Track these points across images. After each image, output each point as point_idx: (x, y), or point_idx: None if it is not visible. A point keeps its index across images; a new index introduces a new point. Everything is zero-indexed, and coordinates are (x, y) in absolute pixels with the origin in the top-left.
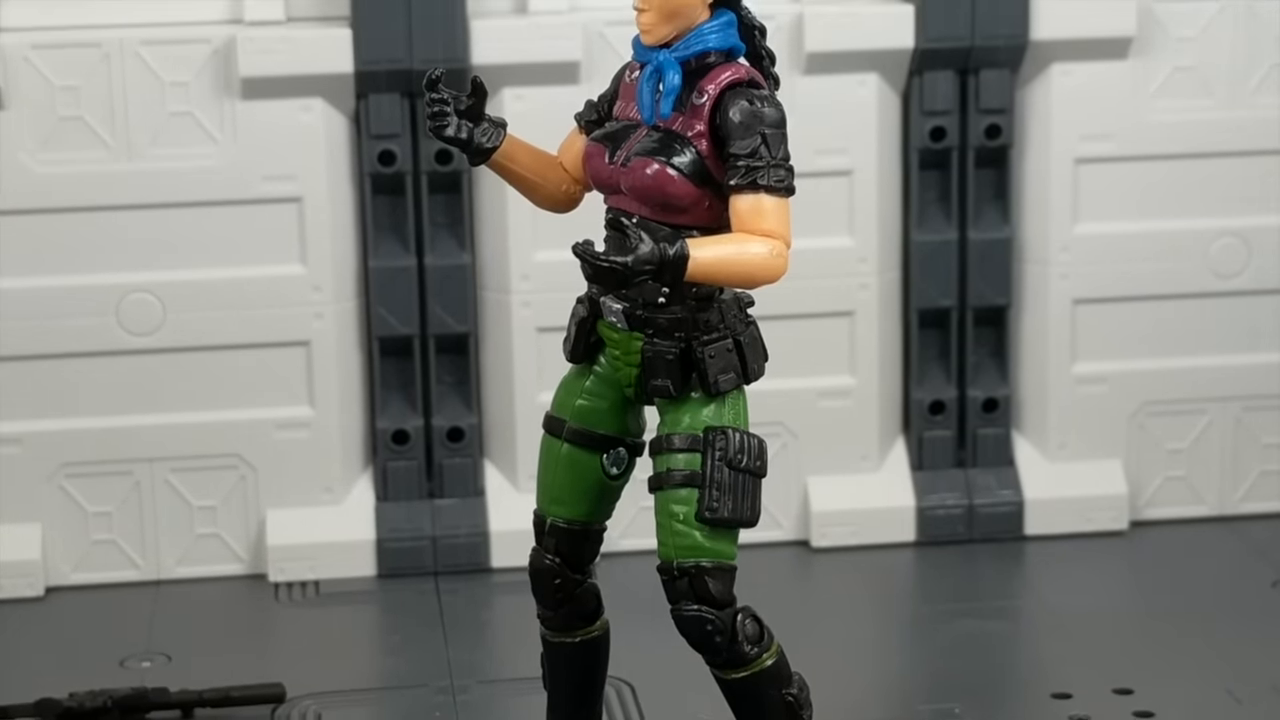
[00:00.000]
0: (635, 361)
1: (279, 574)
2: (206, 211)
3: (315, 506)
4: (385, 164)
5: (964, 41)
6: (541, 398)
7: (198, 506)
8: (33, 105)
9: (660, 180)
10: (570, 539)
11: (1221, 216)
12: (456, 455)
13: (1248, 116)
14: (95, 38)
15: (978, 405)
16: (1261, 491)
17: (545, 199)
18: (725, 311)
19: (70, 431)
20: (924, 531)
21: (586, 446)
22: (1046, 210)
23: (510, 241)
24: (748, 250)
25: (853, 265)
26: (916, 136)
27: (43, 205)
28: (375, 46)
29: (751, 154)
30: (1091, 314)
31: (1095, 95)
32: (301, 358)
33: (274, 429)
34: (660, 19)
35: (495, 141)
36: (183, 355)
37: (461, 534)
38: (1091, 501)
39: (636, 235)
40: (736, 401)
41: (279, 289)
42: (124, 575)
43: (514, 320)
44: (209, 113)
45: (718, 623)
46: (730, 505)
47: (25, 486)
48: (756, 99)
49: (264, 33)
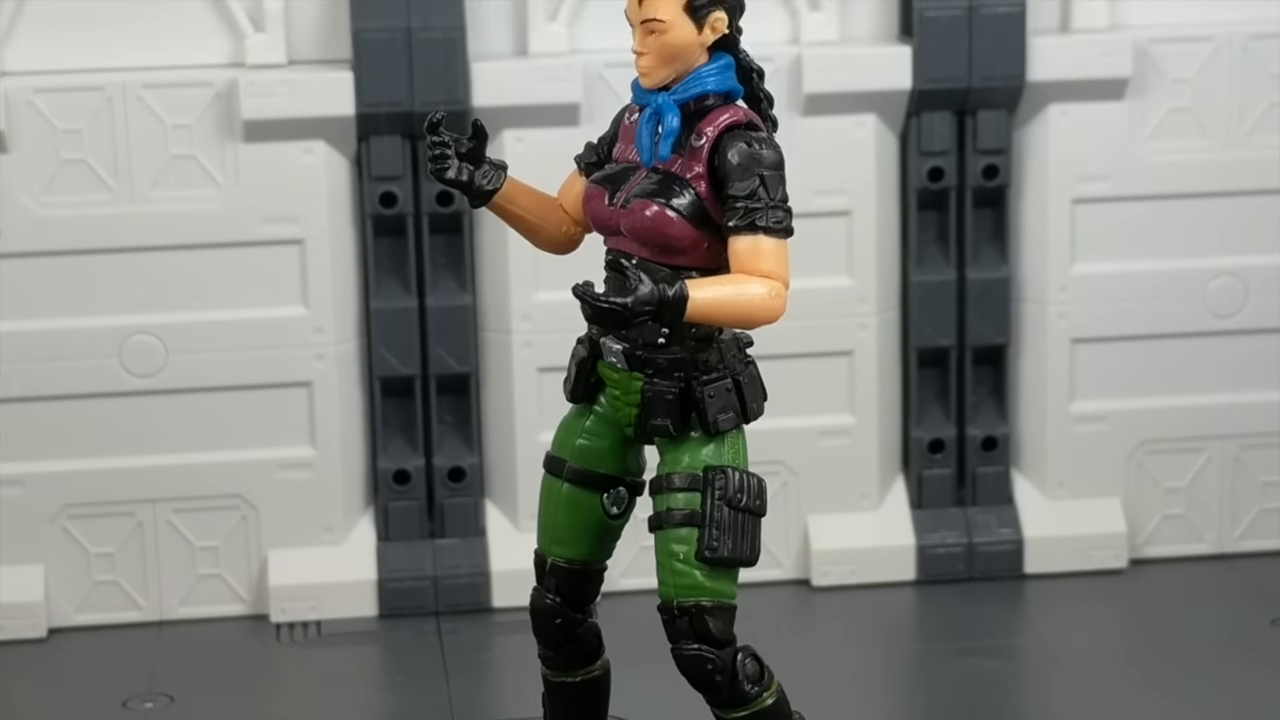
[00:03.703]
0: (635, 401)
1: (281, 614)
2: (209, 253)
3: (317, 547)
4: (387, 205)
5: (961, 83)
6: (542, 437)
7: (200, 547)
8: (36, 148)
9: (659, 222)
10: (571, 578)
11: (1219, 256)
12: (458, 495)
13: (1244, 157)
14: (98, 81)
15: (977, 444)
16: (1260, 529)
17: (545, 241)
18: (724, 351)
19: (72, 473)
20: (924, 570)
21: (587, 486)
22: (1044, 250)
23: (511, 282)
24: (747, 291)
25: (852, 305)
26: (914, 177)
27: (45, 248)
28: (376, 89)
29: (750, 195)
30: (1090, 353)
31: (1092, 136)
32: (303, 398)
33: (276, 469)
34: (659, 62)
35: (496, 184)
36: (185, 396)
37: (463, 574)
38: (1091, 540)
39: (636, 276)
40: (736, 441)
41: (281, 330)
42: (126, 616)
43: (515, 360)
44: (211, 155)
45: (718, 662)
46: (730, 544)
47: (27, 528)
48: (755, 141)
49: (266, 76)
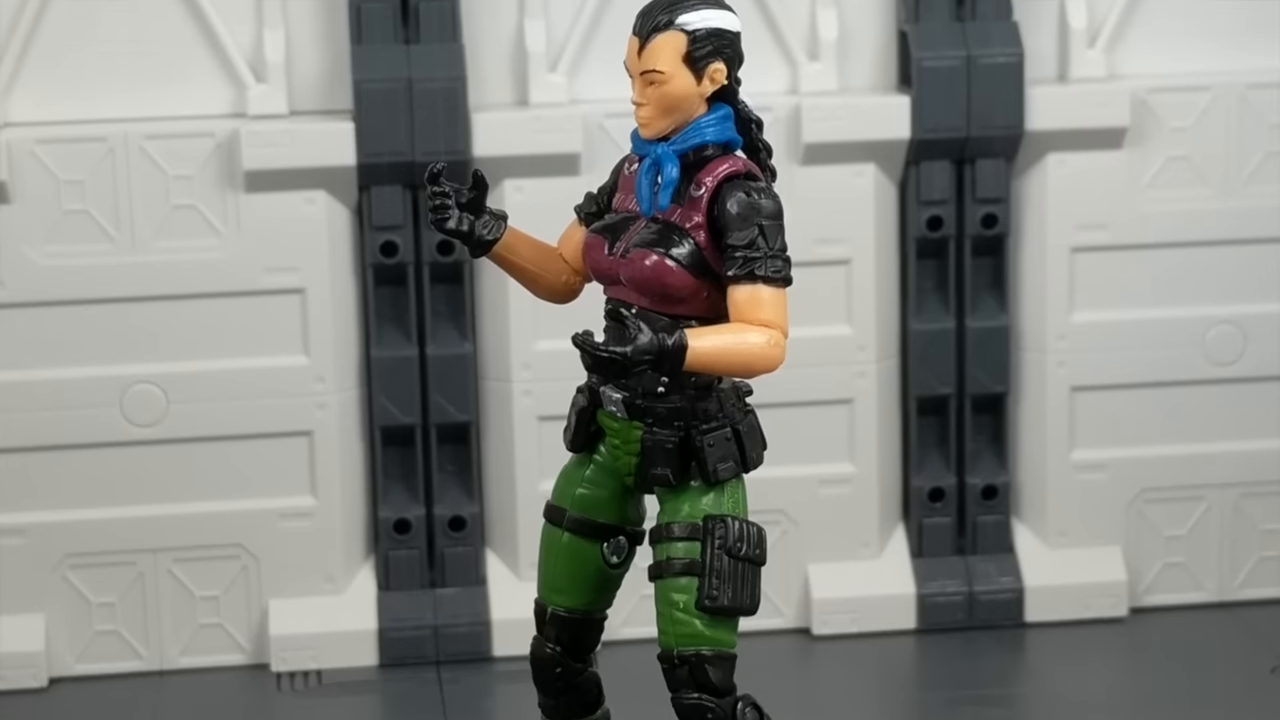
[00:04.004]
0: (635, 450)
1: (281, 664)
2: (210, 303)
3: (317, 596)
4: (387, 255)
5: (960, 132)
6: (543, 486)
7: (200, 596)
8: (38, 199)
9: (659, 271)
10: (571, 628)
11: (1217, 304)
12: (458, 544)
13: (1242, 205)
14: (100, 132)
15: (977, 492)
16: (1261, 577)
17: (546, 290)
18: (724, 400)
19: (73, 522)
20: (924, 619)
21: (587, 535)
22: (1043, 298)
23: (511, 331)
24: (746, 340)
25: (851, 353)
26: (913, 225)
27: (47, 298)
28: (377, 139)
29: (749, 245)
30: (1089, 401)
31: (1090, 185)
32: (304, 448)
33: (276, 519)
34: (658, 112)
35: (496, 234)
36: (186, 446)
37: (463, 623)
38: (1091, 588)
39: (635, 326)
40: (736, 490)
41: (282, 379)
42: (127, 666)
43: (515, 409)
44: (212, 205)
45: (718, 711)
46: (730, 593)
47: (28, 577)
48: (754, 191)
49: (267, 126)
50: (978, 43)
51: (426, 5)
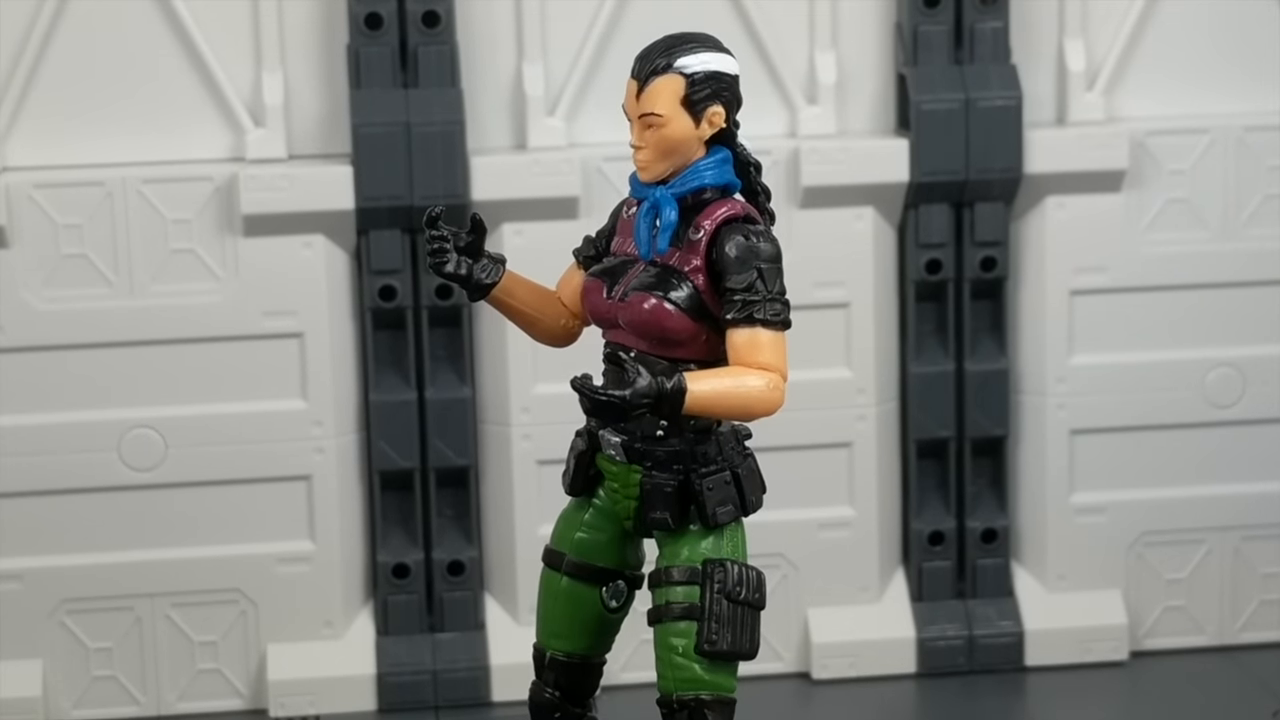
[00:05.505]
0: (634, 494)
1: (280, 709)
2: (208, 347)
3: (316, 641)
4: (386, 299)
5: (958, 175)
6: (542, 530)
7: (198, 642)
8: (36, 243)
9: (658, 315)
10: (570, 672)
11: (1217, 347)
12: (457, 589)
13: (1241, 248)
14: (98, 176)
15: (977, 536)
16: (1261, 621)
17: (544, 334)
18: (723, 444)
19: (71, 567)
20: (924, 663)
21: (586, 579)
22: (1042, 341)
23: (510, 375)
24: (745, 383)
25: (850, 396)
26: (912, 269)
27: (45, 342)
28: (376, 183)
29: (748, 288)
30: (1089, 444)
31: (1089, 228)
32: (302, 492)
33: (275, 563)
34: (657, 156)
35: (494, 277)
36: (184, 490)
37: (462, 668)
38: (1091, 632)
39: (634, 369)
40: (735, 533)
41: (280, 424)
42: (125, 711)
43: (514, 453)
44: (211, 249)
45: None
46: (729, 638)
47: (26, 623)
48: (752, 234)
49: (266, 170)
50: (976, 86)
51: (425, 49)
